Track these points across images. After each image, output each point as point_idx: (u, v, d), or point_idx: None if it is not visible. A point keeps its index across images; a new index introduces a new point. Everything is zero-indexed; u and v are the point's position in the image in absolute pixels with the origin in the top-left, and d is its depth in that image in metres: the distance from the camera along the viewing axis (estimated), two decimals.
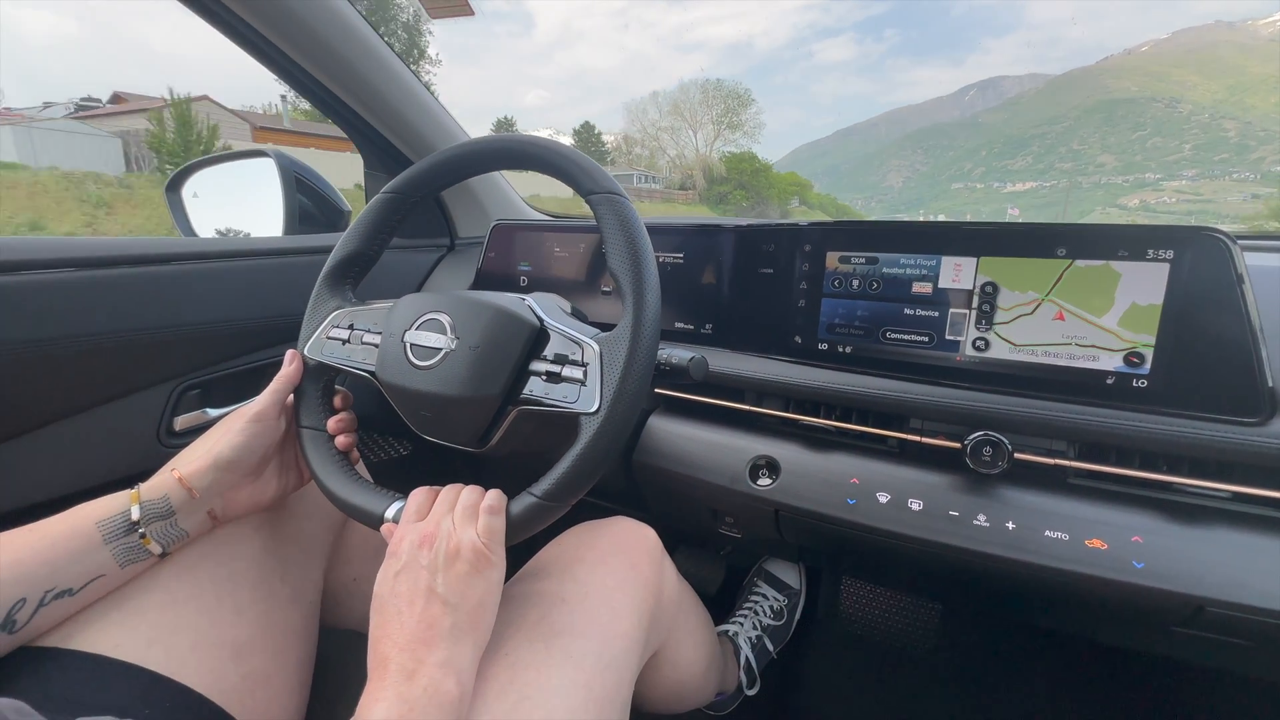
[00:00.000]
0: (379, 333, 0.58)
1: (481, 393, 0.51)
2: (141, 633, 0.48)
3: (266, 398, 0.57)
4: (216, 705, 0.49)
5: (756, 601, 1.09)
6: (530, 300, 0.57)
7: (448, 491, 0.50)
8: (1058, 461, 0.58)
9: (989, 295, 0.61)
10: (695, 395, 0.77)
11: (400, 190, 0.63)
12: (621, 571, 0.59)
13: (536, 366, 0.52)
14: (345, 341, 0.59)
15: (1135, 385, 0.56)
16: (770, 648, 1.04)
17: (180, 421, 0.76)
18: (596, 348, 0.50)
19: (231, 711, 0.50)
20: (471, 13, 0.86)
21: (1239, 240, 0.52)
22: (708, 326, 0.79)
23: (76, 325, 0.65)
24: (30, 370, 0.63)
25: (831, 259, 0.69)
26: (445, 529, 0.47)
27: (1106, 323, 0.56)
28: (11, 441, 0.64)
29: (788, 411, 0.71)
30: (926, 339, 0.64)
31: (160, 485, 0.51)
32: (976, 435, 0.58)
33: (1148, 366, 0.55)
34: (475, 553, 0.46)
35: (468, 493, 0.50)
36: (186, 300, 0.75)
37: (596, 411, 0.47)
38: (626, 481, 0.81)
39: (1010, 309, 0.60)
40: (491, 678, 0.46)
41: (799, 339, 0.71)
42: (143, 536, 0.49)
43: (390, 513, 0.51)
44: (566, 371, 0.50)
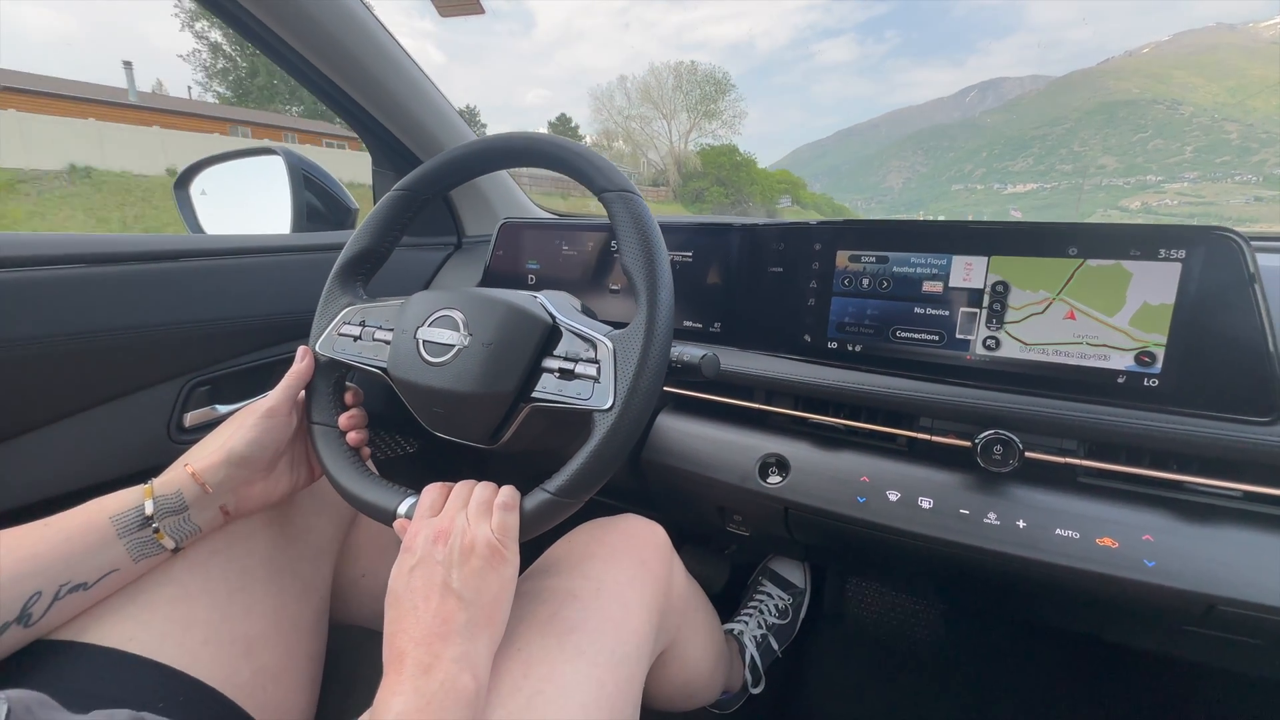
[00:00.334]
0: (391, 329, 0.58)
1: (495, 389, 0.51)
2: (155, 627, 0.49)
3: (279, 393, 0.57)
4: (230, 700, 0.49)
5: (761, 600, 1.09)
6: (542, 298, 0.57)
7: (461, 487, 0.51)
8: (1068, 460, 0.58)
9: (1000, 294, 0.61)
10: (704, 393, 0.77)
11: (412, 188, 0.63)
12: (632, 568, 0.59)
13: (549, 364, 0.52)
14: (357, 338, 0.60)
15: (1146, 384, 0.56)
16: (775, 646, 1.04)
17: (190, 418, 0.76)
18: (610, 345, 0.50)
19: (244, 706, 0.50)
20: (482, 11, 0.86)
21: (1252, 241, 0.52)
22: (716, 325, 0.79)
23: (87, 321, 0.65)
24: (41, 366, 0.63)
25: (842, 258, 0.69)
26: (460, 524, 0.47)
27: (1118, 322, 0.56)
28: (23, 437, 0.64)
29: (797, 410, 0.72)
30: (937, 338, 0.64)
31: (173, 480, 0.52)
32: (987, 434, 0.58)
33: (1159, 366, 0.55)
34: (490, 548, 0.46)
35: (481, 488, 0.50)
36: (196, 297, 0.75)
37: (611, 408, 0.47)
38: (635, 480, 0.81)
39: (1021, 308, 0.60)
40: (505, 673, 0.46)
41: (809, 337, 0.71)
42: (156, 531, 0.50)
43: (403, 509, 0.51)
44: (580, 369, 0.50)
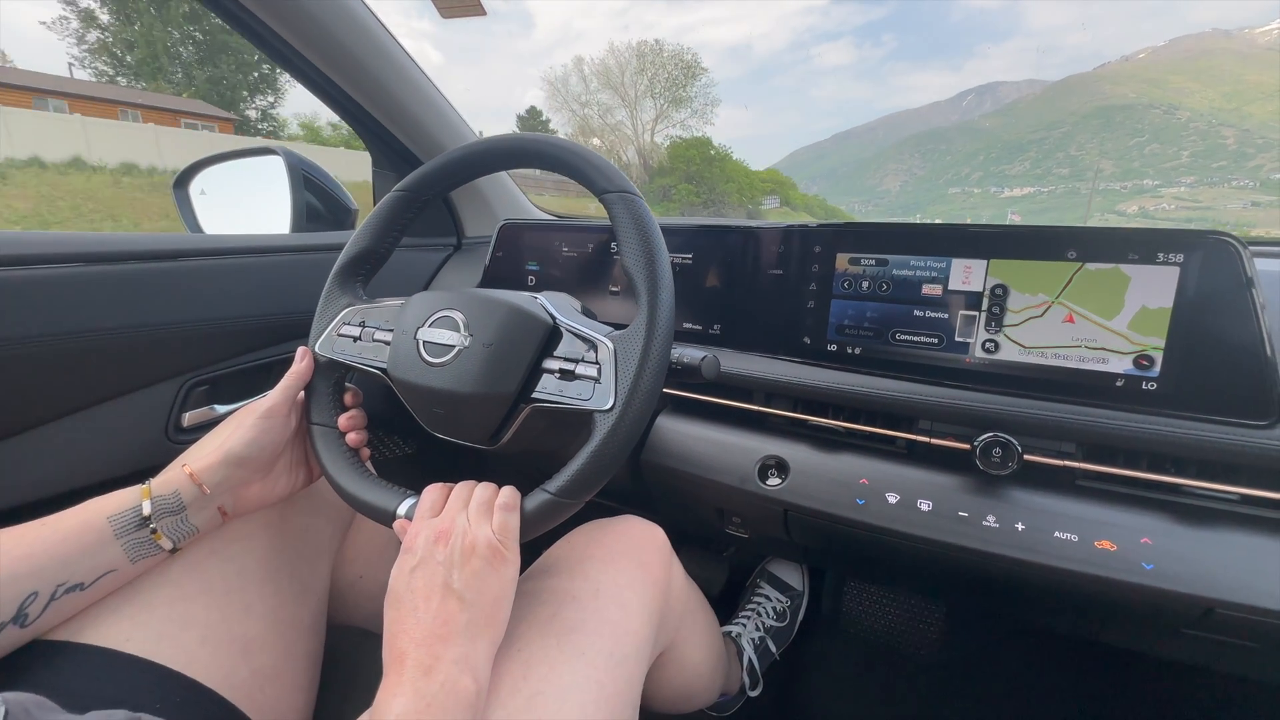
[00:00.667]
0: (390, 330, 0.58)
1: (495, 390, 0.51)
2: (152, 628, 0.48)
3: (278, 394, 0.57)
4: (227, 700, 0.49)
5: (759, 603, 1.09)
6: (543, 299, 0.57)
7: (462, 488, 0.50)
8: (1067, 463, 0.58)
9: (999, 297, 0.61)
10: (704, 395, 0.77)
11: (412, 188, 0.63)
12: (631, 570, 0.59)
13: (550, 364, 0.52)
14: (356, 339, 0.59)
15: (1145, 388, 0.56)
16: (773, 649, 1.04)
17: (188, 418, 0.76)
18: (611, 345, 0.50)
19: (242, 707, 0.50)
20: (483, 12, 0.86)
21: (1249, 245, 0.52)
22: (716, 327, 0.79)
23: (85, 320, 0.65)
24: (39, 365, 0.63)
25: (841, 260, 0.69)
26: (460, 525, 0.47)
27: (1116, 325, 0.56)
28: (21, 436, 0.64)
29: (797, 412, 0.72)
30: (936, 340, 0.64)
31: (171, 480, 0.52)
32: (986, 436, 0.58)
33: (1157, 369, 0.55)
34: (490, 549, 0.46)
35: (481, 489, 0.50)
36: (195, 296, 0.75)
37: (611, 409, 0.47)
38: (634, 481, 0.81)
39: (1020, 311, 0.60)
40: (505, 674, 0.46)
41: (808, 340, 0.71)
42: (154, 532, 0.49)
43: (402, 509, 0.51)
44: (580, 369, 0.50)
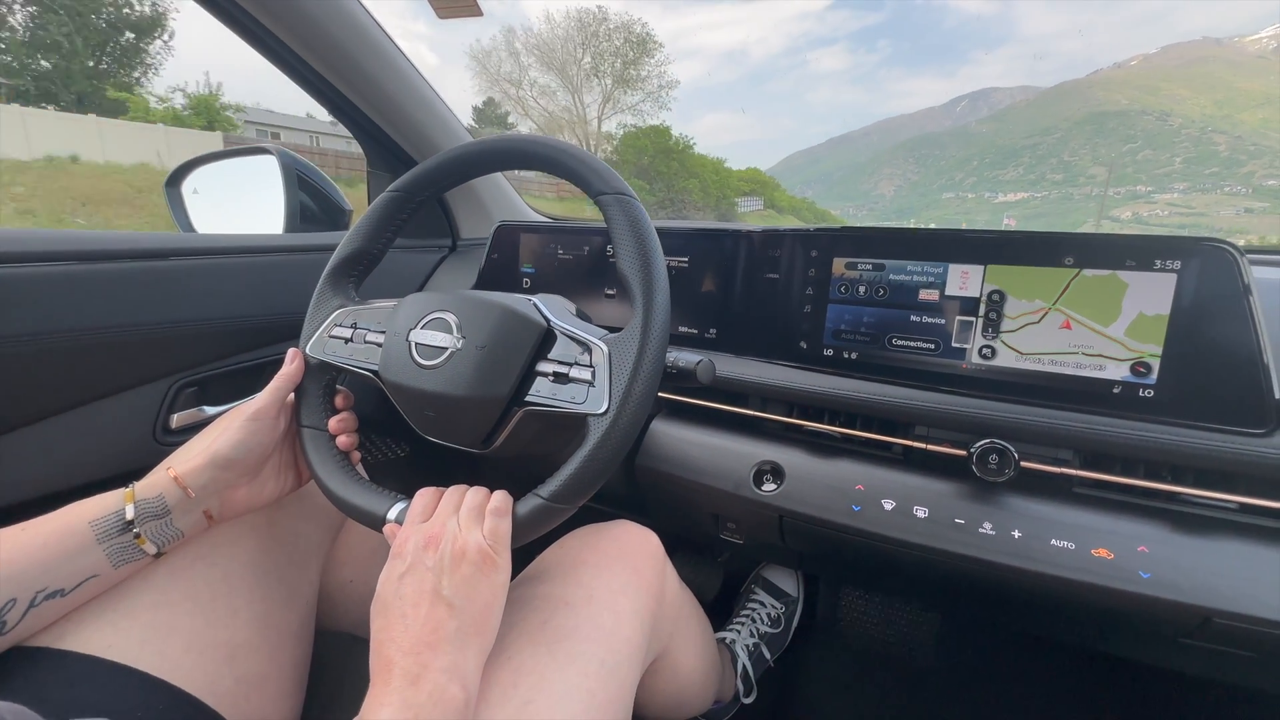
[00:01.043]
0: (382, 332, 0.57)
1: (488, 393, 0.51)
2: (134, 634, 0.47)
3: (266, 396, 0.56)
4: (210, 708, 0.48)
5: (754, 609, 1.08)
6: (537, 301, 0.56)
7: (453, 493, 0.50)
8: (1063, 470, 0.58)
9: (996, 303, 0.61)
10: (699, 400, 0.77)
11: (406, 189, 0.62)
12: (624, 576, 0.58)
13: (544, 367, 0.51)
14: (348, 340, 0.59)
15: (1141, 395, 0.56)
16: (767, 656, 1.04)
17: (177, 419, 0.75)
18: (605, 349, 0.49)
19: (226, 715, 0.49)
20: (480, 13, 0.85)
21: (1246, 253, 0.52)
22: (712, 331, 0.79)
23: (73, 320, 0.64)
24: (24, 365, 0.62)
25: (838, 265, 0.69)
26: (451, 530, 0.46)
27: (1113, 332, 0.56)
28: (5, 437, 0.62)
29: (793, 417, 0.71)
30: (933, 346, 0.64)
31: (155, 484, 0.50)
32: (983, 443, 0.58)
33: (1154, 376, 0.55)
34: (481, 554, 0.45)
35: (473, 494, 0.49)
36: (185, 296, 0.74)
37: (605, 412, 0.47)
38: (628, 486, 0.80)
39: (1017, 317, 0.60)
40: (495, 682, 0.46)
41: (804, 344, 0.71)
42: (137, 536, 0.48)
43: (392, 514, 0.51)
44: (574, 372, 0.50)
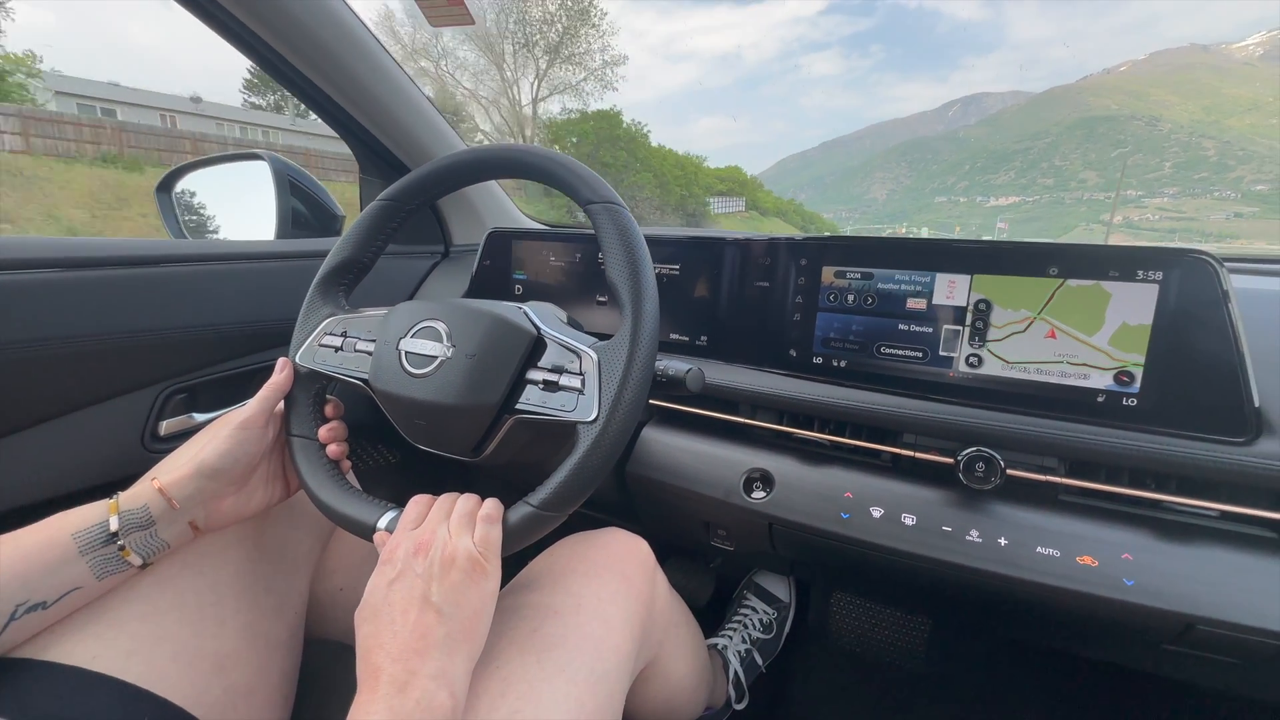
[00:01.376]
0: (373, 340, 0.57)
1: (478, 401, 0.51)
2: (120, 644, 0.47)
3: (255, 405, 0.56)
4: (197, 719, 0.48)
5: (746, 615, 1.08)
6: (527, 309, 0.56)
7: (444, 500, 0.50)
8: (1049, 478, 0.58)
9: (982, 312, 0.61)
10: (689, 407, 0.77)
11: (396, 198, 0.62)
12: (614, 584, 0.58)
13: (534, 375, 0.51)
14: (338, 349, 0.59)
15: (1125, 404, 0.56)
16: (759, 661, 1.04)
17: (165, 426, 0.75)
18: (595, 356, 0.50)
19: None
20: (472, 21, 0.86)
21: (1226, 262, 0.53)
22: (703, 338, 0.79)
23: (62, 327, 0.64)
24: (11, 372, 0.61)
25: (827, 274, 0.69)
26: (441, 537, 0.46)
27: (1097, 341, 0.57)
28: None
29: (782, 425, 0.72)
30: (920, 354, 0.64)
31: (140, 495, 0.50)
32: (969, 451, 0.59)
33: (1137, 385, 0.56)
34: (471, 561, 0.45)
35: (464, 501, 0.49)
36: (175, 303, 0.74)
37: (595, 420, 0.47)
38: (619, 493, 0.80)
39: (1003, 326, 0.61)
40: (483, 691, 0.45)
41: (794, 352, 0.71)
42: (121, 548, 0.48)
43: (383, 523, 0.51)
44: (564, 380, 0.50)
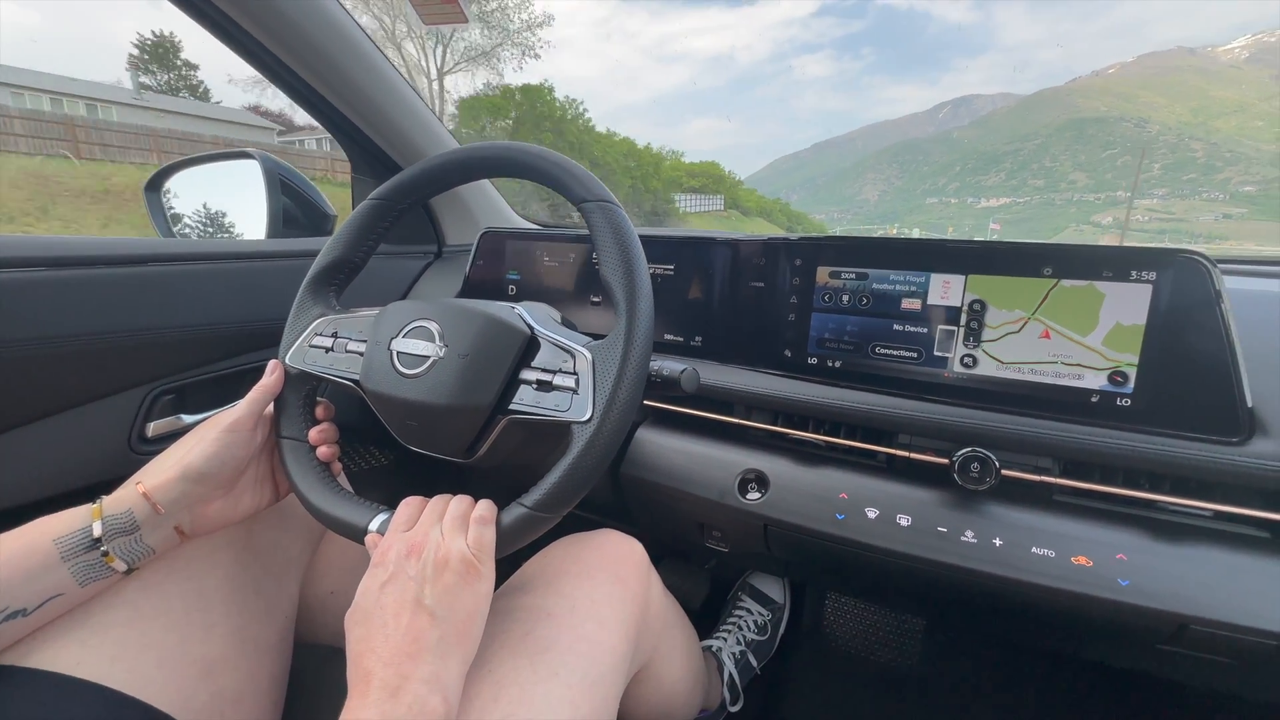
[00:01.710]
0: (364, 341, 0.57)
1: (471, 402, 0.50)
2: (104, 650, 0.46)
3: (243, 407, 0.55)
4: None
5: (740, 616, 1.08)
6: (520, 309, 0.56)
7: (436, 501, 0.49)
8: (1043, 478, 0.58)
9: (977, 313, 0.61)
10: (684, 408, 0.77)
11: (388, 197, 0.61)
12: (608, 585, 0.58)
13: (527, 375, 0.51)
14: (329, 350, 0.58)
15: (1119, 404, 0.56)
16: (754, 663, 1.03)
17: (153, 428, 0.73)
18: (589, 356, 0.49)
19: None
20: (465, 20, 0.86)
21: (1219, 264, 0.53)
22: (697, 339, 0.79)
23: (48, 326, 0.63)
24: None
25: (822, 274, 0.69)
26: (434, 539, 0.45)
27: (1091, 342, 0.57)
28: None
29: (777, 425, 0.71)
30: (915, 355, 0.64)
31: (124, 499, 0.49)
32: (964, 451, 0.59)
33: (1131, 386, 0.56)
34: (464, 563, 0.44)
35: (456, 503, 0.49)
36: (164, 302, 0.73)
37: (589, 420, 0.47)
38: (613, 494, 0.80)
39: (998, 327, 0.61)
40: (476, 695, 0.45)
41: (789, 353, 0.71)
42: (105, 554, 0.47)
43: (374, 525, 0.50)
44: (558, 380, 0.49)
